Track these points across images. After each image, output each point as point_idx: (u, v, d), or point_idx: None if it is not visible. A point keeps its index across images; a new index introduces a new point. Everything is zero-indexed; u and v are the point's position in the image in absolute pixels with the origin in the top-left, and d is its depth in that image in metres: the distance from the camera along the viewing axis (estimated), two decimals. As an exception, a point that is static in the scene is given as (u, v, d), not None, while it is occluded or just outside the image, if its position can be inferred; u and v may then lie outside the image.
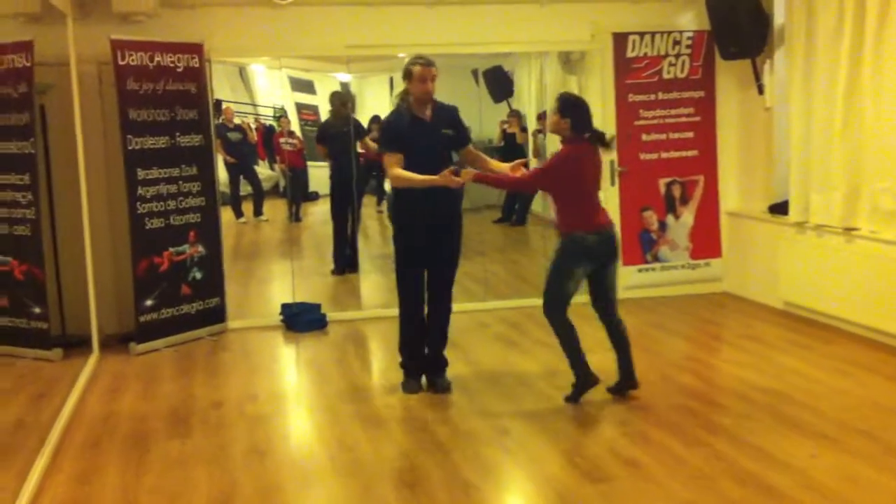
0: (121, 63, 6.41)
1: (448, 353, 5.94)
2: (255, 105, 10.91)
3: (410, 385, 5.52)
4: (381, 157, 5.41)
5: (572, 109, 5.05)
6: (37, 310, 6.40)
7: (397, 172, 5.22)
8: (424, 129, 5.31)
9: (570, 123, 5.02)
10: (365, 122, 9.15)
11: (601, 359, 5.35)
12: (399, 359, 5.63)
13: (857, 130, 6.29)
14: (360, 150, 8.54)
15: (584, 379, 5.14)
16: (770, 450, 4.33)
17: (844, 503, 3.78)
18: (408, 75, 5.28)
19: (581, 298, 5.26)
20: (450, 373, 5.60)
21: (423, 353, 5.58)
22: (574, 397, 5.16)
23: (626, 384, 5.24)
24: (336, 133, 8.81)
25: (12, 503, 3.95)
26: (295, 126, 10.61)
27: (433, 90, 5.28)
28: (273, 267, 9.37)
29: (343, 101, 8.90)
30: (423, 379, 5.58)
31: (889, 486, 3.94)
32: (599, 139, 5.11)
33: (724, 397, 5.23)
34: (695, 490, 3.94)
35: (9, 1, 6.49)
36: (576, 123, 5.03)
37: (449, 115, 5.47)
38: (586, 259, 5.06)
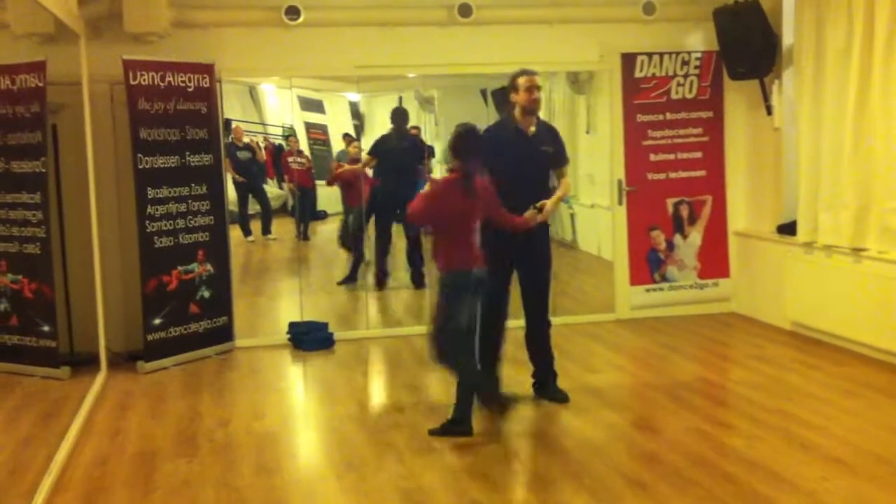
0: (132, 83, 6.46)
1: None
2: (264, 124, 10.94)
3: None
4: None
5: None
6: (45, 328, 6.41)
7: None
8: (524, 143, 5.38)
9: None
10: (367, 144, 9.12)
11: (606, 378, 5.35)
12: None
13: (866, 151, 6.29)
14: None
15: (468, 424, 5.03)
16: (780, 472, 4.30)
17: (855, 526, 3.77)
18: (514, 87, 5.38)
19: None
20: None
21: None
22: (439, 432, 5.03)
23: None
24: (389, 149, 8.68)
25: (20, 522, 3.95)
26: (304, 145, 10.62)
27: (540, 99, 5.38)
28: (281, 286, 9.36)
29: (402, 117, 8.80)
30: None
31: (900, 509, 3.91)
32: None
33: (733, 418, 5.21)
34: (704, 512, 3.92)
35: (23, 21, 6.55)
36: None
37: (550, 134, 5.53)
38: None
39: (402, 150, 8.47)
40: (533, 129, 5.42)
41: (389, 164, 8.64)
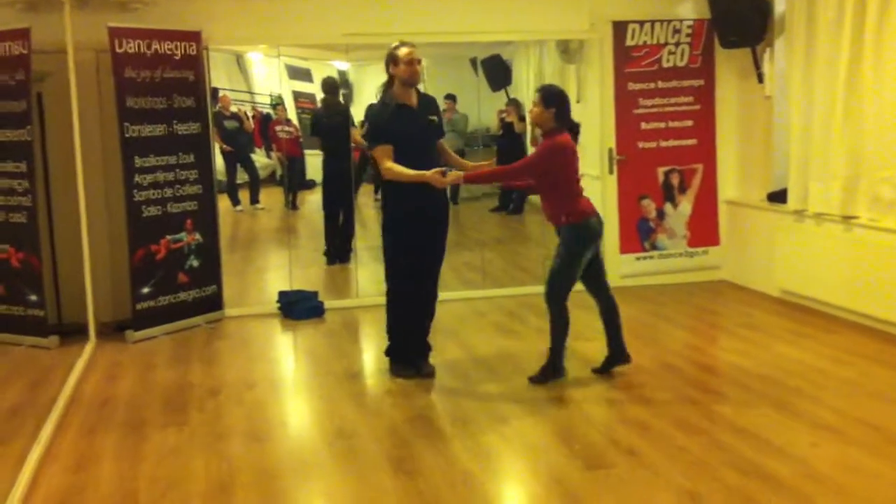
0: (118, 51, 6.37)
1: (446, 340, 5.96)
2: (251, 93, 10.86)
3: (400, 369, 5.51)
4: (372, 151, 5.42)
5: (557, 100, 5.12)
6: (33, 297, 6.38)
7: (389, 165, 5.21)
8: (412, 116, 5.30)
9: (553, 114, 5.09)
10: (362, 111, 9.09)
11: (596, 346, 5.36)
12: (387, 344, 5.61)
13: (857, 119, 6.27)
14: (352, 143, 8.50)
15: (558, 369, 5.26)
16: (770, 438, 4.32)
17: (844, 492, 3.77)
18: (393, 60, 5.27)
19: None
20: (449, 360, 5.59)
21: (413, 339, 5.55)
22: (540, 380, 5.25)
23: (619, 359, 5.35)
24: (328, 122, 8.79)
25: (8, 491, 3.93)
26: (292, 114, 10.56)
27: (421, 72, 5.29)
28: (270, 255, 9.35)
29: (333, 88, 8.83)
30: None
31: (889, 475, 3.93)
32: (575, 132, 5.20)
33: (723, 386, 5.23)
34: (694, 478, 3.93)
35: (5, -12, 6.46)
36: (560, 114, 5.10)
37: (431, 104, 5.46)
38: (592, 243, 5.17)
39: (335, 123, 8.65)
40: (415, 99, 5.33)
41: (329, 138, 8.91)
